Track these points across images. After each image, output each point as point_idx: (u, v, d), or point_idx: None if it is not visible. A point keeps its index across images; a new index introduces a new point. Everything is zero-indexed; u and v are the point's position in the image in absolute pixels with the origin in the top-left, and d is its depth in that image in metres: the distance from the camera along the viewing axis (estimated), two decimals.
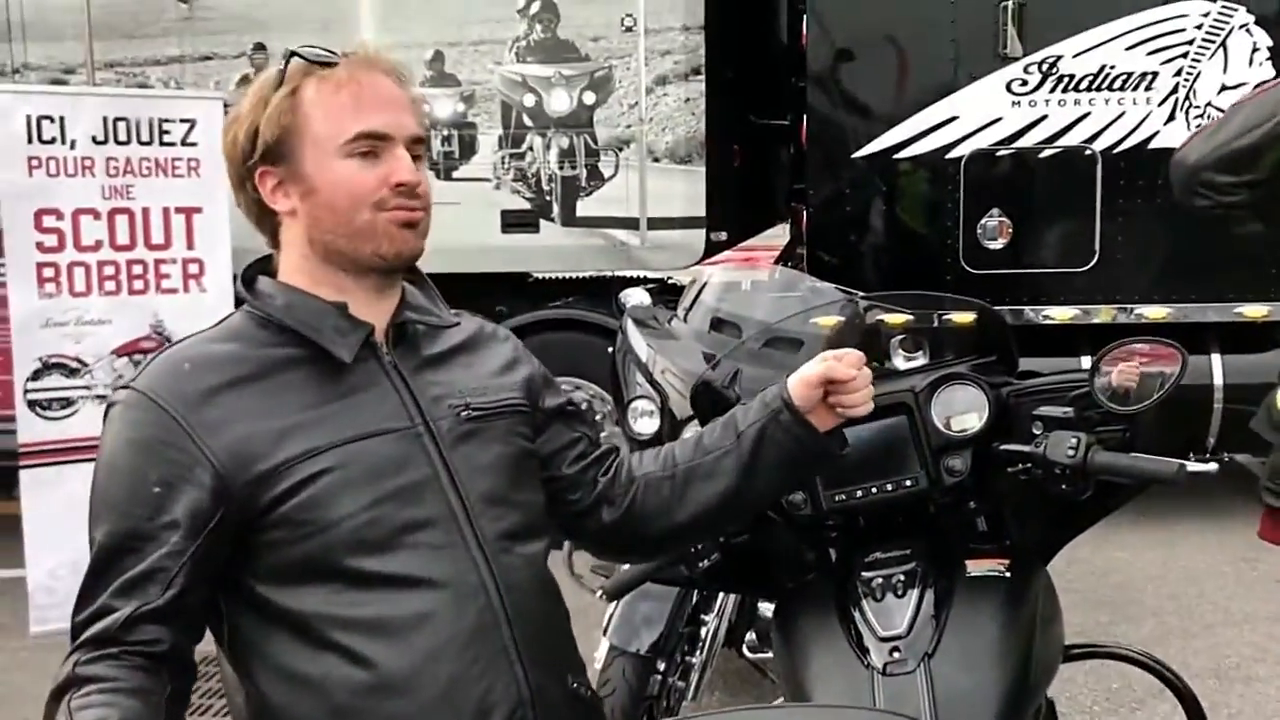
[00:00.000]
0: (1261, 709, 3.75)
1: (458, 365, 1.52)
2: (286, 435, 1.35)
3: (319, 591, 1.35)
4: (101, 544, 1.33)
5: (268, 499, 1.34)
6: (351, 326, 1.43)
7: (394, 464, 1.39)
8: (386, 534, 1.36)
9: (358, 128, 1.39)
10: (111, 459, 1.36)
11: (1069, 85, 5.28)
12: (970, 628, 1.85)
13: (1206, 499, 5.73)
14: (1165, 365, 1.84)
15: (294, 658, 1.35)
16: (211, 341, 1.43)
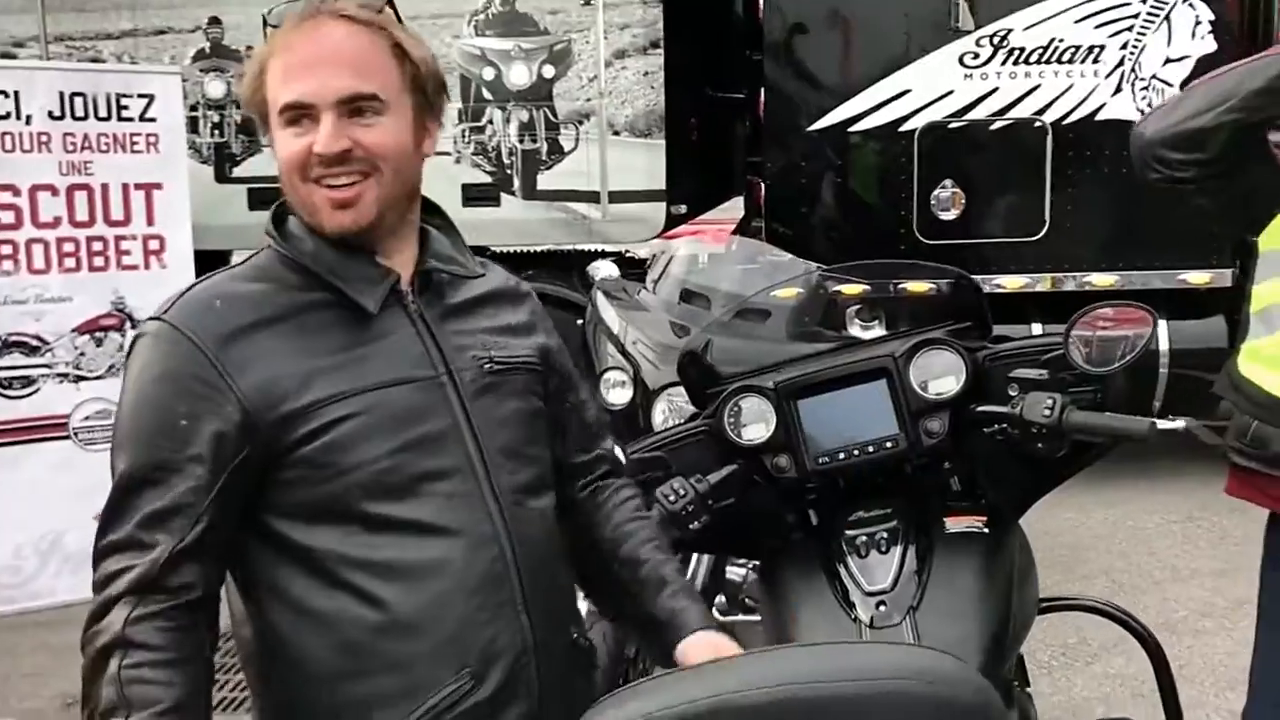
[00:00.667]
0: (1209, 659, 3.90)
1: (481, 315, 1.53)
2: (313, 378, 1.36)
3: (335, 531, 1.37)
4: (125, 473, 1.34)
5: (292, 439, 1.35)
6: (379, 275, 1.43)
7: (416, 413, 1.40)
8: (405, 481, 1.38)
9: (284, 98, 1.37)
10: (138, 390, 1.36)
11: (1019, 58, 5.39)
12: (952, 582, 1.94)
13: (1153, 462, 5.91)
14: (1136, 328, 1.93)
15: (306, 593, 1.37)
16: (240, 280, 1.42)
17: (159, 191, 4.62)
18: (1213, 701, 3.53)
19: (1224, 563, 4.81)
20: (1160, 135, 2.05)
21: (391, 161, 1.40)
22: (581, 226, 5.48)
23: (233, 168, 5.57)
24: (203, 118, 5.49)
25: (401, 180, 1.43)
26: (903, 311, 2.46)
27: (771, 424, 2.09)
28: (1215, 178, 2.06)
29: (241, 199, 5.57)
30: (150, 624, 1.30)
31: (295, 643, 1.38)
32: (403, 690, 1.37)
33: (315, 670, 1.38)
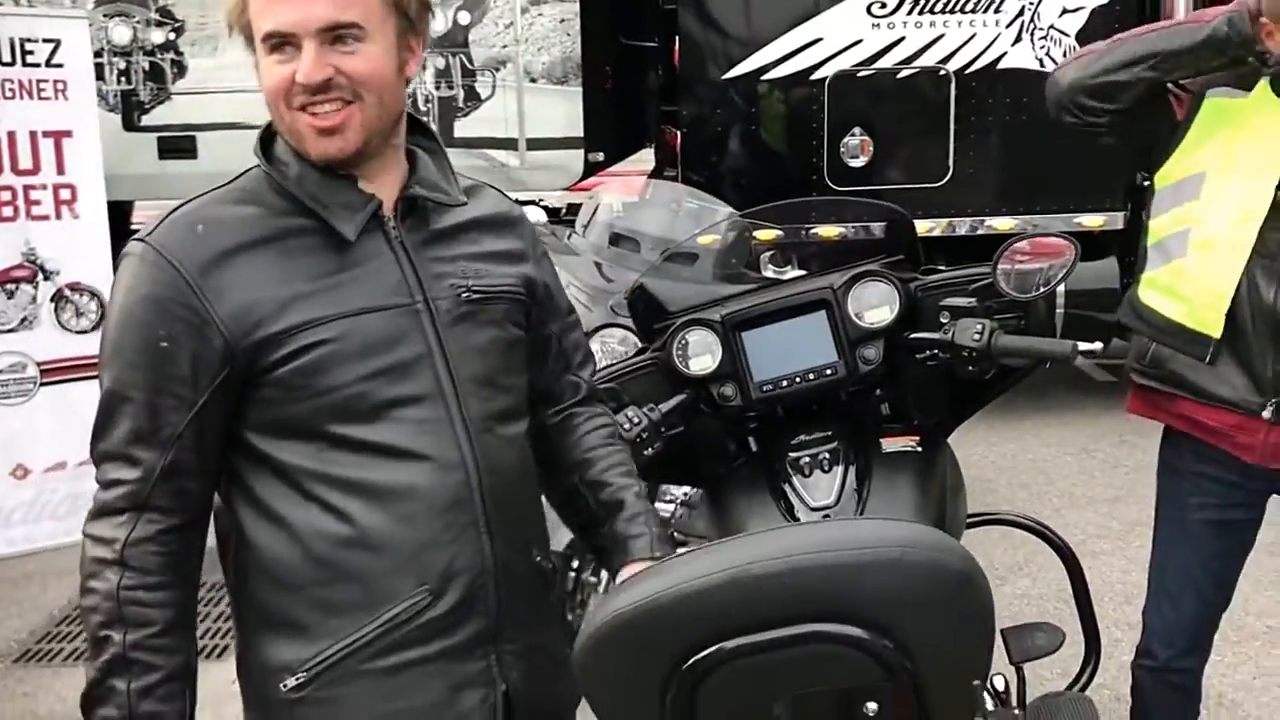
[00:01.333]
0: (1107, 578, 4.16)
1: (464, 241, 1.54)
2: (291, 303, 1.40)
3: (306, 448, 1.42)
4: (109, 389, 1.40)
5: (268, 361, 1.39)
6: (361, 201, 1.45)
7: (390, 340, 1.44)
8: (374, 406, 1.43)
9: (266, 26, 1.38)
10: (122, 309, 1.41)
11: (925, 8, 5.55)
12: (891, 496, 2.07)
13: (1048, 397, 6.21)
14: (1058, 257, 2.08)
15: (279, 502, 1.43)
16: (225, 203, 1.45)
17: (69, 140, 4.53)
18: (1112, 615, 3.78)
19: (1117, 489, 5.10)
20: (1080, 84, 2.22)
21: (374, 89, 1.41)
22: (500, 174, 5.49)
23: (141, 116, 5.45)
24: (108, 64, 5.35)
25: (385, 106, 1.44)
26: (835, 249, 2.58)
27: (718, 355, 2.20)
28: (1124, 124, 2.24)
29: (151, 148, 5.46)
30: (147, 546, 1.39)
31: (265, 548, 1.45)
32: (363, 601, 1.43)
33: (285, 576, 1.44)
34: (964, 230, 5.74)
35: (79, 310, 4.63)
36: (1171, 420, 2.36)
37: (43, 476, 4.58)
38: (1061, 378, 6.48)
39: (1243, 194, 2.15)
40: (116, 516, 1.40)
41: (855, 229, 5.51)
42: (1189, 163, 2.22)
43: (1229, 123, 2.19)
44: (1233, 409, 2.22)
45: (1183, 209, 2.21)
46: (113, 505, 1.40)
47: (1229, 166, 2.17)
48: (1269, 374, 2.17)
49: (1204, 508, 2.34)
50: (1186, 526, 2.37)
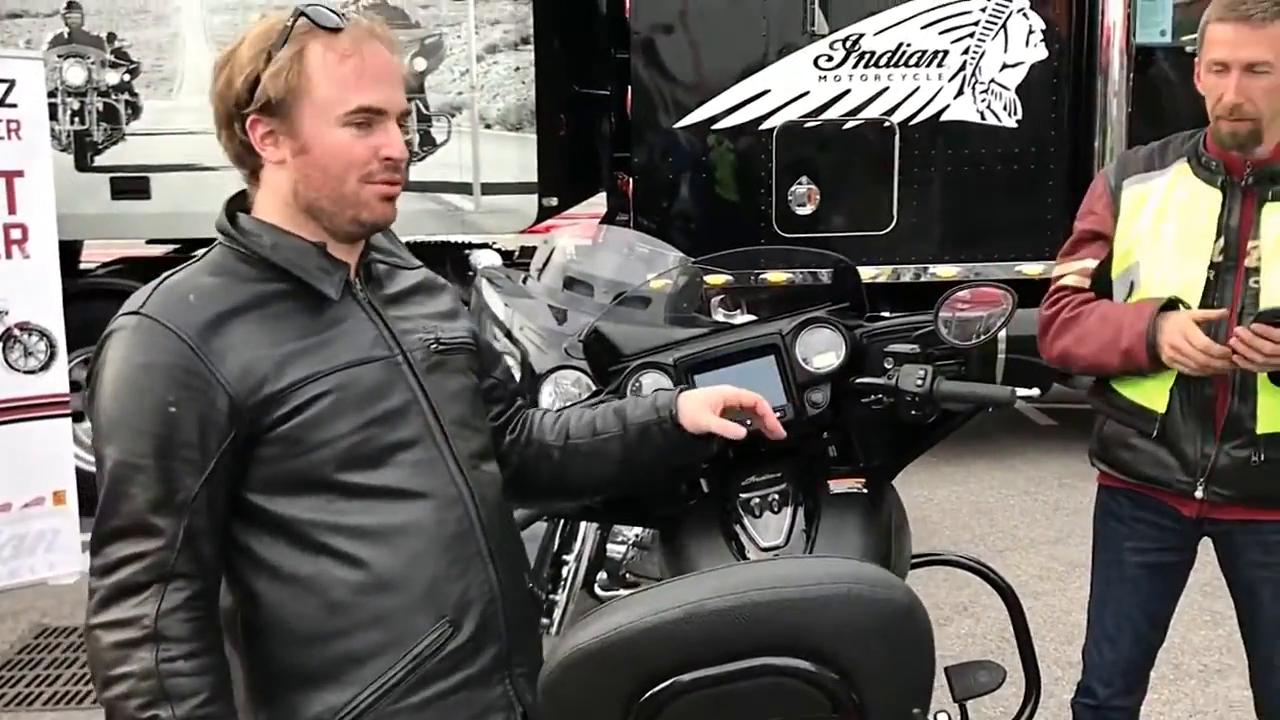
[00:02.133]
0: (1049, 617, 4.26)
1: (415, 303, 1.65)
2: (288, 361, 1.46)
3: (312, 500, 1.47)
4: (119, 460, 1.41)
5: (272, 419, 1.44)
6: (333, 265, 1.54)
7: (380, 389, 1.52)
8: (375, 451, 1.50)
9: (358, 100, 1.47)
10: (125, 380, 1.42)
11: (870, 61, 5.70)
12: (838, 537, 2.14)
13: (991, 440, 6.33)
14: (996, 306, 2.17)
15: (288, 560, 1.47)
16: (203, 274, 1.51)
17: (21, 179, 4.53)
18: (1053, 654, 3.86)
19: (1058, 531, 5.22)
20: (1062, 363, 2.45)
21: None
22: (455, 217, 5.55)
23: (94, 156, 5.44)
24: (62, 104, 5.34)
25: None
26: (783, 295, 2.65)
27: None
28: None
29: (103, 188, 5.45)
30: (179, 615, 1.40)
31: (278, 607, 1.48)
32: (388, 642, 1.49)
33: (304, 630, 1.48)
34: (908, 277, 5.87)
35: (27, 350, 4.60)
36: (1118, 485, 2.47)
37: None
38: (1003, 422, 6.61)
39: (1174, 276, 2.26)
40: (138, 594, 1.39)
41: (803, 275, 5.64)
42: (1126, 254, 2.33)
43: (1150, 207, 2.31)
44: (1165, 489, 2.34)
45: (1133, 298, 2.32)
46: (132, 582, 1.40)
47: (1158, 251, 2.28)
48: (1198, 456, 2.28)
49: (1140, 551, 2.44)
50: (1123, 569, 2.46)
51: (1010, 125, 5.77)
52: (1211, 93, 2.20)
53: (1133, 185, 2.34)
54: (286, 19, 1.48)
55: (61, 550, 4.69)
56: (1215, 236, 2.23)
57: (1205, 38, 2.21)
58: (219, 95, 1.50)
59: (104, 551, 1.42)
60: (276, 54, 1.46)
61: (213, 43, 5.39)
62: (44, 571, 4.67)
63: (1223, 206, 2.24)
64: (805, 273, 5.64)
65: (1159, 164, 2.34)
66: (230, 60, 1.50)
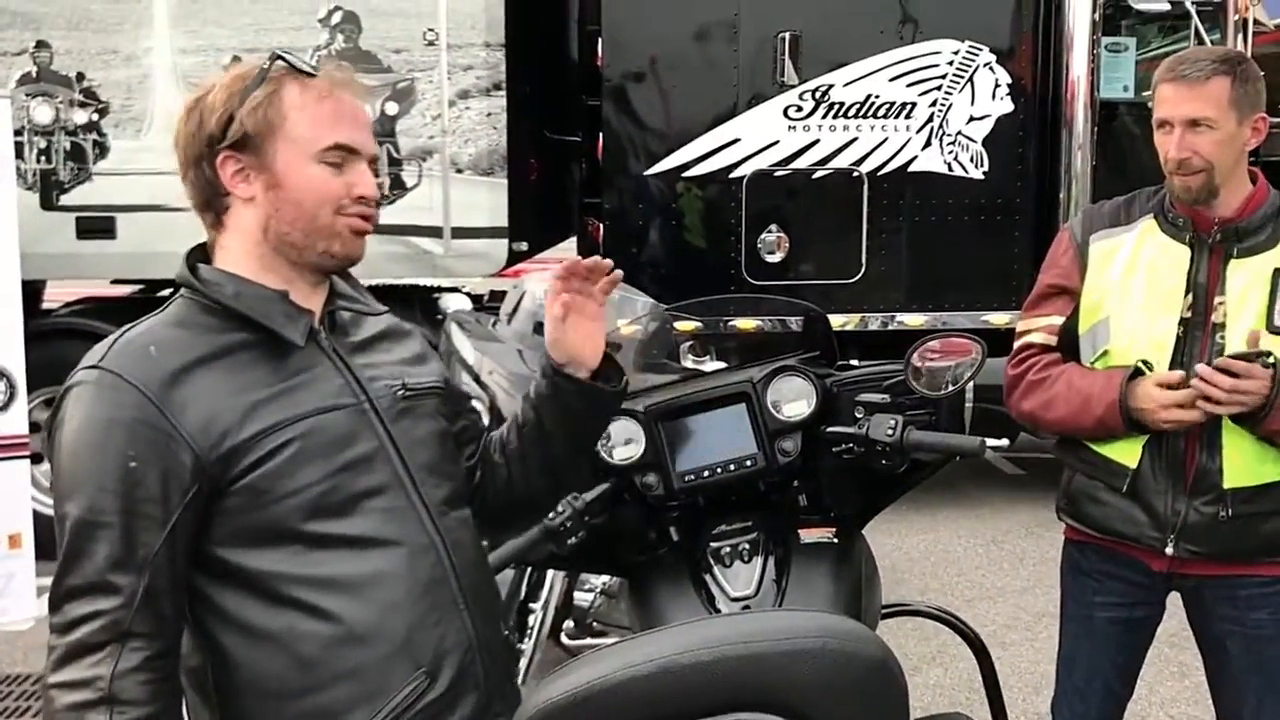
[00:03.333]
0: (1017, 667, 4.25)
1: (379, 350, 1.64)
2: (252, 411, 1.44)
3: (278, 553, 1.45)
4: (79, 518, 1.39)
5: (236, 470, 1.42)
6: (297, 313, 1.53)
7: (347, 437, 1.50)
8: (343, 500, 1.48)
9: (334, 139, 1.50)
10: (84, 436, 1.40)
11: (839, 112, 5.76)
12: (809, 586, 2.13)
13: (958, 490, 6.35)
14: (966, 356, 2.18)
15: (255, 614, 1.44)
16: (166, 326, 1.50)
17: None
18: (1021, 705, 3.86)
19: (1025, 581, 5.22)
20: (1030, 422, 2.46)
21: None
22: (424, 261, 5.54)
23: (60, 195, 5.39)
24: (29, 143, 5.30)
25: None
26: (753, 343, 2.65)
27: (641, 444, 2.25)
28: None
29: (70, 227, 5.40)
30: (135, 677, 1.36)
31: (249, 664, 1.45)
32: (361, 696, 1.45)
33: (273, 687, 1.44)
34: (876, 325, 5.89)
35: None
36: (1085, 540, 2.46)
37: None
38: (971, 471, 6.64)
39: (1144, 332, 2.28)
40: (94, 654, 1.37)
41: (772, 323, 5.66)
42: (1094, 309, 2.34)
43: (1118, 262, 2.33)
44: (1134, 544, 2.34)
45: (1102, 354, 2.33)
46: (88, 642, 1.37)
47: (1127, 306, 2.30)
48: (1168, 512, 2.28)
49: (1109, 606, 2.43)
50: (1092, 624, 2.45)
51: (977, 176, 5.83)
52: (1161, 149, 2.26)
53: (1100, 240, 2.36)
54: (263, 62, 1.50)
55: (15, 595, 4.59)
56: (1185, 292, 2.26)
57: (1155, 98, 2.29)
58: (188, 136, 1.51)
59: (63, 609, 1.39)
60: (252, 93, 1.48)
61: (182, 84, 5.38)
62: None
63: (1191, 263, 2.26)
64: (775, 321, 5.66)
65: (1125, 219, 2.37)
66: (200, 103, 1.51)
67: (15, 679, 4.26)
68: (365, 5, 5.45)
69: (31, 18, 5.31)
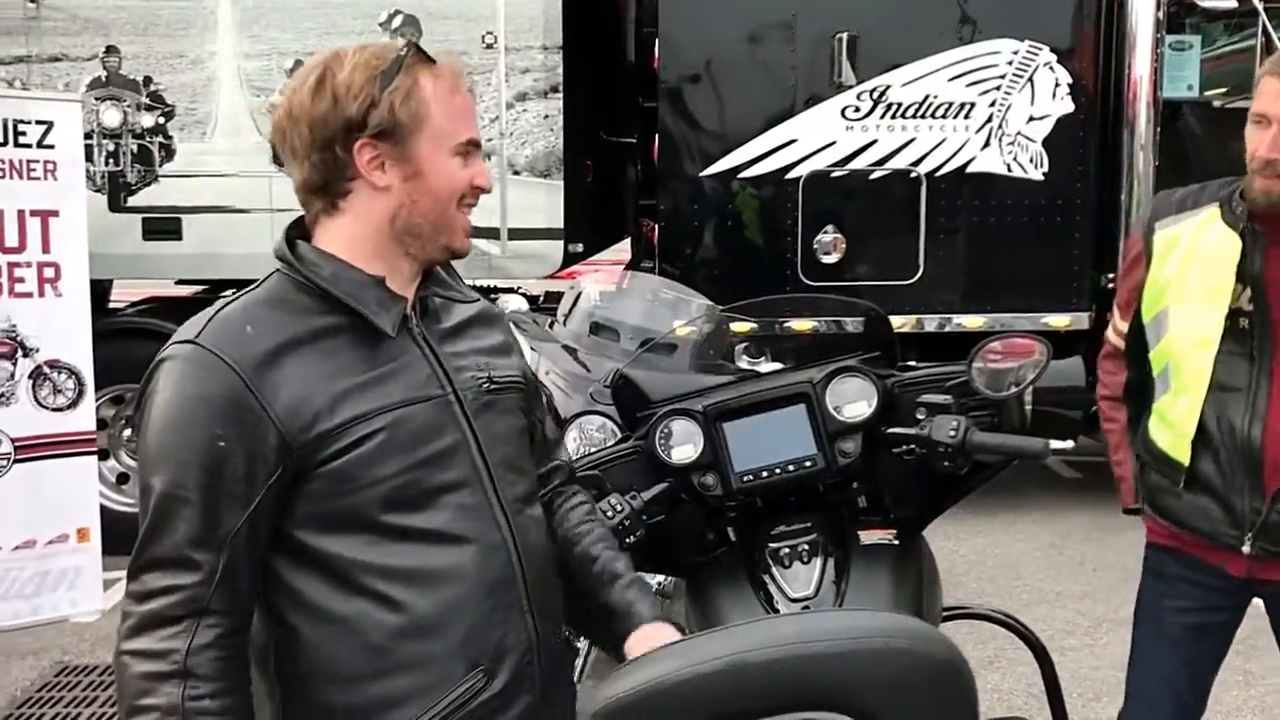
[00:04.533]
0: (1076, 674, 4.19)
1: (470, 337, 1.63)
2: (343, 398, 1.44)
3: (354, 539, 1.45)
4: (163, 492, 1.39)
5: (322, 455, 1.42)
6: (391, 300, 1.51)
7: (430, 429, 1.50)
8: (421, 493, 1.48)
9: (468, 134, 1.52)
10: (175, 411, 1.39)
11: (897, 112, 5.73)
12: (869, 588, 2.12)
13: (1017, 493, 6.28)
14: (1030, 357, 2.16)
15: (326, 599, 1.45)
16: (260, 305, 1.48)
17: (55, 219, 4.57)
18: (1081, 712, 3.81)
19: (1084, 586, 5.15)
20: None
21: None
22: (481, 262, 5.58)
23: (128, 197, 5.50)
24: (98, 146, 5.42)
25: None
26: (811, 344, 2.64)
27: (699, 445, 2.25)
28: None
29: (136, 229, 5.51)
30: (209, 653, 1.38)
31: (316, 646, 1.46)
32: (420, 689, 1.47)
33: (337, 671, 1.46)
34: (932, 327, 5.85)
35: (56, 387, 4.63)
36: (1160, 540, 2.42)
37: (11, 555, 4.53)
38: (1030, 474, 6.56)
39: (1196, 321, 2.24)
40: (170, 626, 1.37)
41: (828, 324, 5.63)
42: (1156, 298, 2.32)
43: (1179, 250, 2.29)
44: (1210, 541, 2.28)
45: (1162, 344, 2.31)
46: (165, 614, 1.38)
47: (1183, 296, 2.27)
48: (1245, 510, 2.22)
49: (1182, 611, 2.37)
50: (1162, 629, 2.39)
51: (1036, 177, 5.77)
52: (1250, 145, 2.17)
53: (1165, 228, 2.32)
54: (398, 48, 1.47)
55: (83, 588, 4.69)
56: (1235, 283, 2.20)
57: (1256, 90, 2.19)
58: (318, 116, 1.46)
59: (141, 578, 1.40)
60: (393, 80, 1.45)
61: (247, 87, 5.47)
62: (66, 609, 4.67)
63: (1243, 255, 2.20)
64: (831, 322, 5.64)
65: (1192, 205, 2.31)
66: (328, 82, 1.45)
67: (84, 669, 4.35)
68: (425, 9, 5.51)
69: (101, 24, 5.43)
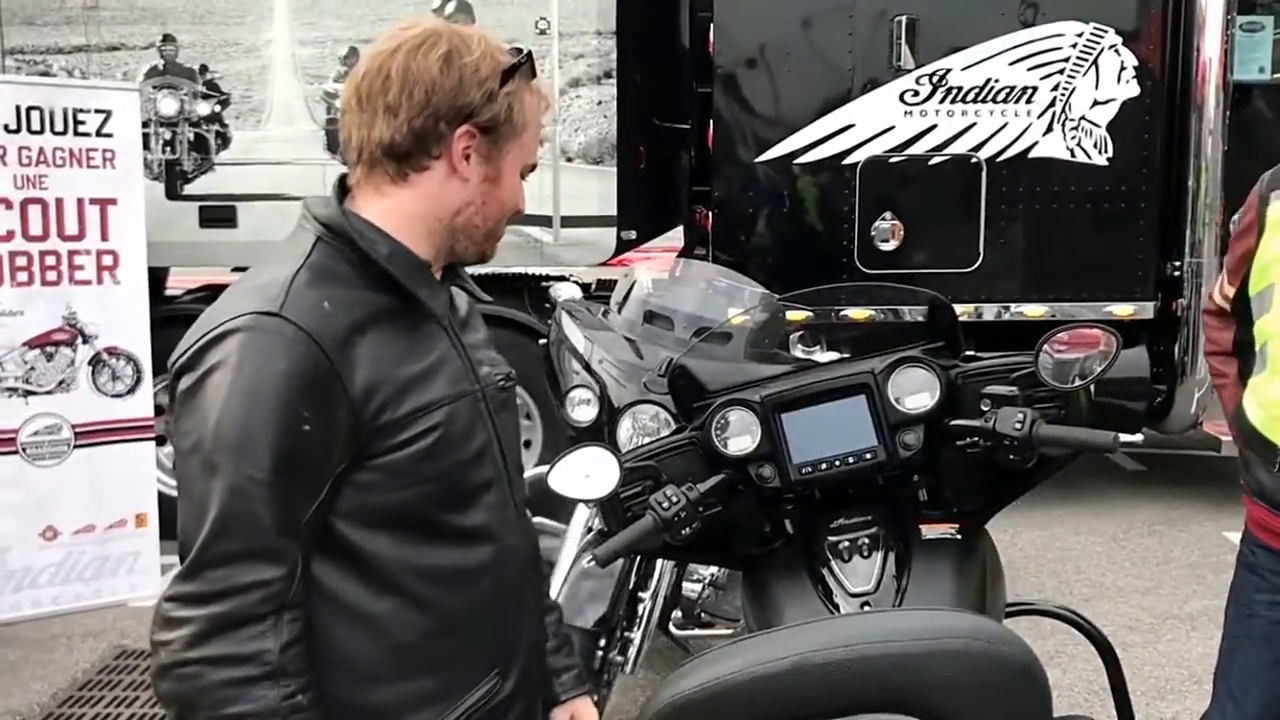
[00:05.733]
0: (1139, 671, 4.10)
1: (473, 328, 1.58)
2: (410, 385, 1.37)
3: (394, 536, 1.38)
4: (246, 475, 1.27)
5: (385, 445, 1.35)
6: (439, 287, 1.47)
7: (471, 427, 1.45)
8: (468, 491, 1.45)
9: (536, 158, 1.54)
10: (258, 386, 1.28)
11: (957, 97, 5.62)
12: (931, 584, 2.06)
13: (1077, 486, 6.16)
14: (1099, 347, 2.08)
15: (357, 594, 1.38)
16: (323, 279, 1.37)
17: (114, 207, 4.64)
18: (1145, 710, 3.72)
19: (1147, 581, 5.04)
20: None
21: None
22: (534, 250, 5.56)
23: (184, 185, 5.55)
24: (154, 134, 5.46)
25: None
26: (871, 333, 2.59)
27: (757, 436, 2.20)
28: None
29: (192, 217, 5.55)
30: (298, 649, 1.31)
31: (343, 642, 1.39)
32: (443, 691, 1.44)
33: (362, 669, 1.40)
34: (990, 315, 5.75)
35: (115, 374, 4.69)
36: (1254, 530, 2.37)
37: (72, 539, 4.60)
38: (1092, 466, 6.43)
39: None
40: (255, 625, 1.28)
41: (886, 312, 5.55)
42: (1264, 272, 2.26)
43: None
44: None
45: (1263, 321, 2.27)
46: (251, 612, 1.27)
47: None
48: None
49: (1273, 606, 2.31)
50: (1254, 624, 2.34)
51: (1101, 163, 5.64)
52: None
53: (1278, 200, 2.27)
54: (520, 55, 1.46)
55: (142, 572, 4.76)
56: None
57: None
58: (441, 88, 1.38)
59: (208, 575, 1.27)
60: (508, 82, 1.43)
61: (301, 75, 5.49)
62: (125, 593, 4.74)
63: None
64: (888, 310, 5.55)
65: None
66: (456, 59, 1.39)
67: (142, 654, 4.39)
68: None
69: (158, 12, 5.46)
